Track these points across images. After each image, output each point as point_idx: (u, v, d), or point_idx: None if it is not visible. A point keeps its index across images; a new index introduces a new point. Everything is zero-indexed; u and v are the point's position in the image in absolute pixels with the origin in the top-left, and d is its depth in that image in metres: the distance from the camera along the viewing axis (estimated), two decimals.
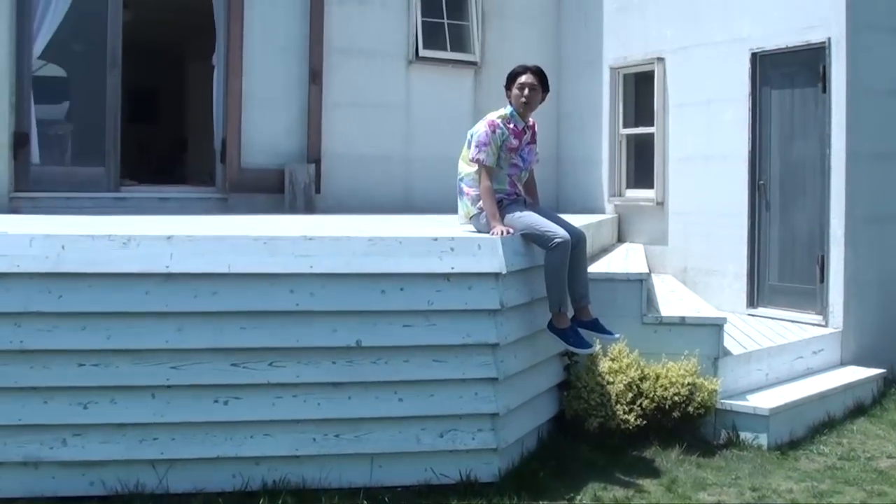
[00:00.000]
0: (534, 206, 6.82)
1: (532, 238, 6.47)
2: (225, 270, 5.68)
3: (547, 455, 6.63)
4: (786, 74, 9.34)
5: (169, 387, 5.65)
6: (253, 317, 5.74)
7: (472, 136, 6.72)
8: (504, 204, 6.61)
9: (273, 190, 10.29)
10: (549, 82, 6.90)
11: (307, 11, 10.52)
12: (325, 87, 10.63)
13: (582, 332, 6.55)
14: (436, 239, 6.05)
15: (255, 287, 5.73)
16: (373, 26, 11.00)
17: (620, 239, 11.25)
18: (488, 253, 6.07)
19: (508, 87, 6.81)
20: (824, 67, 8.85)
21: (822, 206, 8.90)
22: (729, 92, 9.81)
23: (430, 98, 11.35)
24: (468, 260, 6.02)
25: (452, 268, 5.98)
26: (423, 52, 11.26)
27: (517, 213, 6.53)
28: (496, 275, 6.05)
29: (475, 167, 6.65)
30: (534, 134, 6.91)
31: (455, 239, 6.10)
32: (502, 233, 6.29)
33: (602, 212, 11.41)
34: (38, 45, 9.47)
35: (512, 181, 6.73)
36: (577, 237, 6.56)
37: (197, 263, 5.65)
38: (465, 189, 6.78)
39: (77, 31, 9.85)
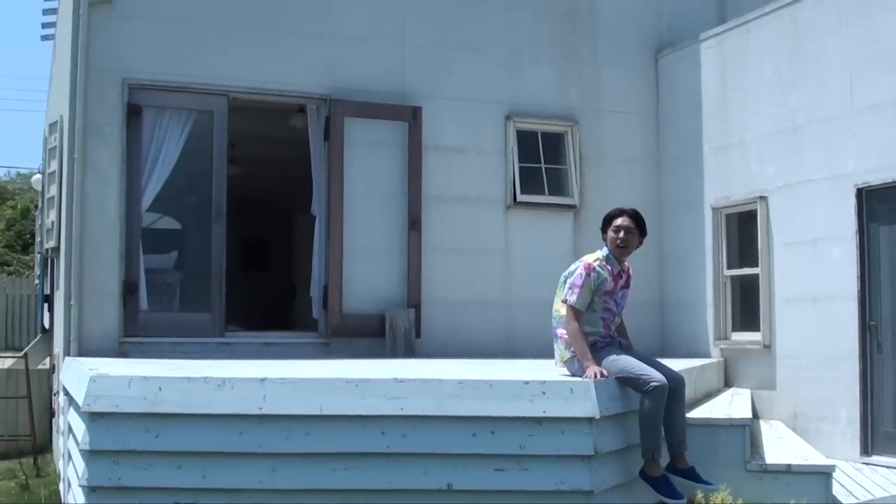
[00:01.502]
0: (629, 349, 6.73)
1: (627, 382, 6.37)
2: (317, 412, 5.75)
3: None
4: (894, 209, 9.09)
5: None
6: (345, 458, 5.78)
7: (566, 276, 6.71)
8: (598, 346, 6.54)
9: (374, 334, 10.38)
10: (650, 224, 6.90)
11: (406, 161, 10.76)
12: (424, 233, 10.79)
13: (675, 480, 6.36)
14: (527, 382, 6.02)
15: (347, 428, 5.78)
16: (470, 173, 11.17)
17: (727, 384, 10.95)
18: (581, 397, 6.00)
19: (604, 229, 6.82)
20: None
21: None
22: (835, 229, 9.56)
23: (529, 242, 11.38)
24: (560, 404, 5.96)
25: (544, 412, 5.92)
26: (520, 197, 11.35)
27: (612, 356, 6.46)
28: (590, 420, 5.97)
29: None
30: (628, 279, 6.87)
31: (546, 382, 6.05)
32: (596, 375, 6.20)
33: (708, 356, 11.16)
34: (147, 200, 9.89)
35: (606, 324, 6.68)
36: (676, 381, 6.45)
37: (289, 405, 5.74)
38: (559, 332, 6.74)
39: (184, 185, 10.29)
